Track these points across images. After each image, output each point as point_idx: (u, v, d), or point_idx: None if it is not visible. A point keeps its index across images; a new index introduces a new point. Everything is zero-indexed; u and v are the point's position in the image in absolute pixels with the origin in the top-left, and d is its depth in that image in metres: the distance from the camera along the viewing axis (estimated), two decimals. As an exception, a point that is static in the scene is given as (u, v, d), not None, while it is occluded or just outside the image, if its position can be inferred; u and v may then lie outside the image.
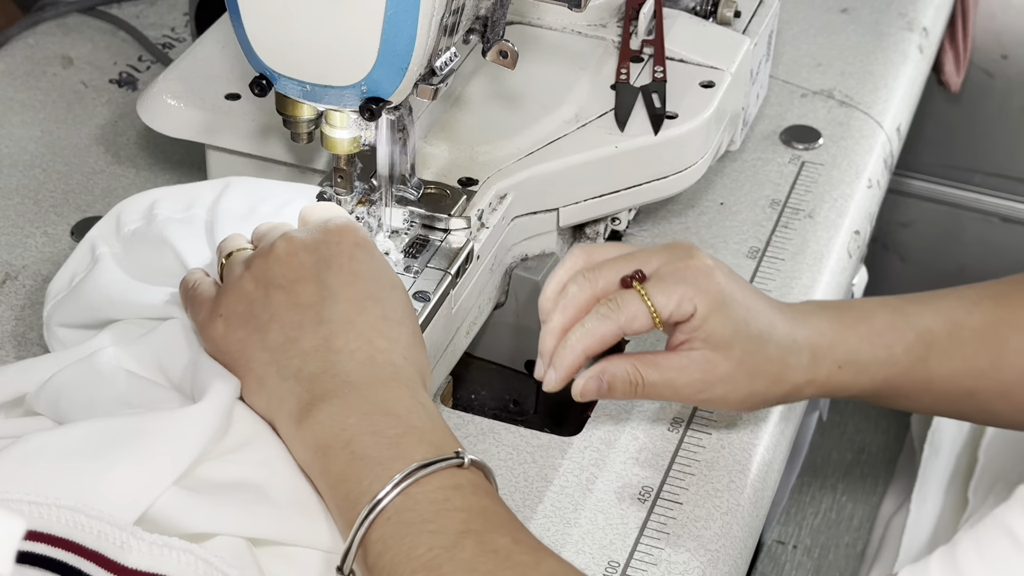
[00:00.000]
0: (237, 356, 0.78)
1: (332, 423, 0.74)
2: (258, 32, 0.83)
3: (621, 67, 1.05)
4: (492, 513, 0.72)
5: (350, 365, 0.76)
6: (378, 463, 0.72)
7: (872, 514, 1.56)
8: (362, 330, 0.78)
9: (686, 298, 0.85)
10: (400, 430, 0.74)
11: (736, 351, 0.86)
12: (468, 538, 0.69)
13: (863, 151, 1.22)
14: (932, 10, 1.41)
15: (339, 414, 0.74)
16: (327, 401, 0.75)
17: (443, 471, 0.72)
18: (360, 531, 0.71)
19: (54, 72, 1.27)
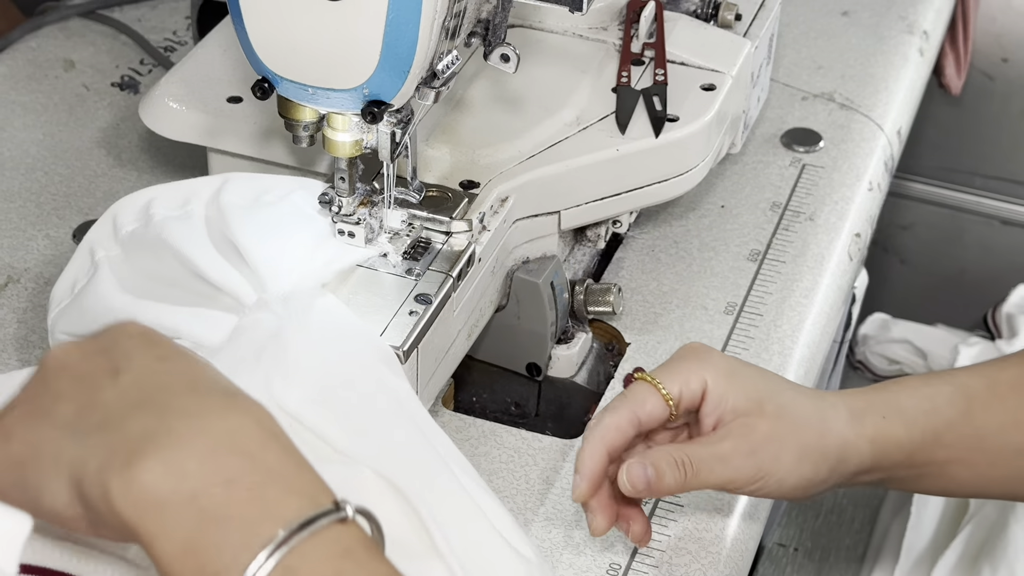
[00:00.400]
0: (22, 458, 0.62)
1: (165, 470, 0.58)
2: (260, 35, 0.84)
3: (622, 70, 1.05)
4: (363, 544, 0.60)
5: (170, 396, 0.61)
6: (241, 525, 0.58)
7: (873, 517, 1.56)
8: (172, 366, 0.63)
9: (692, 373, 0.83)
10: (259, 477, 0.59)
11: (768, 408, 0.83)
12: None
13: (864, 154, 1.22)
14: (932, 13, 1.42)
15: (173, 458, 0.58)
16: (153, 442, 0.59)
17: (326, 531, 0.58)
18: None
19: (56, 75, 1.28)
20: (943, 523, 1.37)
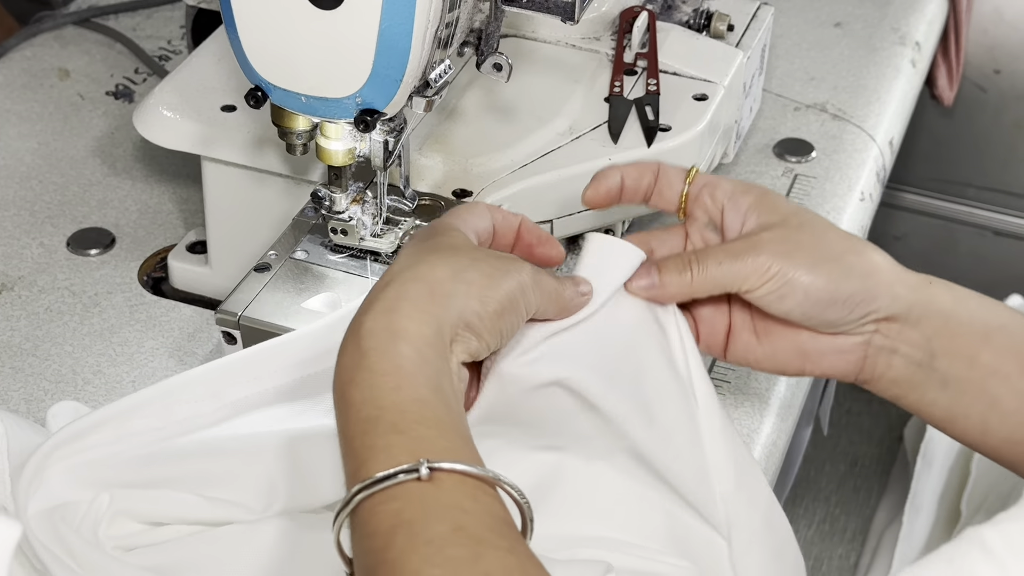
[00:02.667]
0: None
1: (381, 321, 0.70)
2: (253, 44, 0.84)
3: (615, 80, 1.06)
4: (439, 497, 0.64)
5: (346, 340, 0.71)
6: (344, 467, 0.67)
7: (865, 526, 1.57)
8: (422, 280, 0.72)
9: (722, 183, 0.83)
10: (344, 417, 0.68)
11: (792, 220, 0.81)
12: (398, 533, 0.63)
13: (856, 164, 1.23)
14: (925, 24, 1.42)
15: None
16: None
17: (397, 487, 0.64)
18: (337, 541, 0.67)
19: (51, 84, 1.28)
20: (935, 532, 1.38)
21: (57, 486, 0.80)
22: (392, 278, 0.72)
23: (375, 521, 0.64)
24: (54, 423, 0.89)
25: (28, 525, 0.77)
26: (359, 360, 0.69)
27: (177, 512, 0.79)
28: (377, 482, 0.64)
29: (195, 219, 1.13)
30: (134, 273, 1.09)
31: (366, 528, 0.64)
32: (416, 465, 0.64)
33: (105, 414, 0.81)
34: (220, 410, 0.81)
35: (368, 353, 0.69)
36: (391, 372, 0.68)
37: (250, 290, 0.91)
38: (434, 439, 0.66)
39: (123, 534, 0.79)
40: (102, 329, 1.03)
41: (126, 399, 0.81)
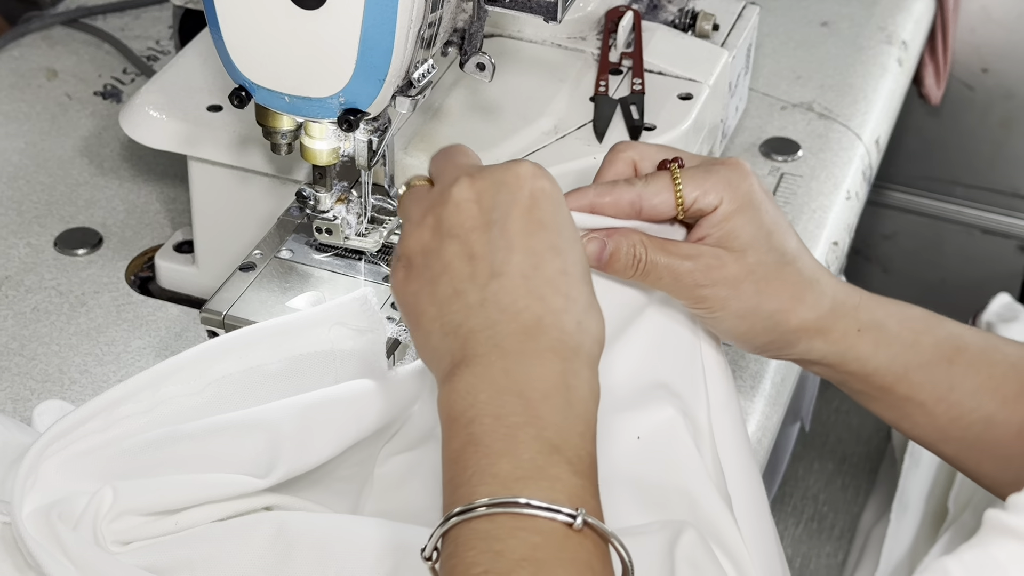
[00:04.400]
0: (410, 309, 0.73)
1: (466, 393, 0.68)
2: (236, 44, 0.84)
3: (600, 79, 1.06)
4: (573, 547, 0.64)
5: (511, 327, 0.69)
6: (486, 454, 0.66)
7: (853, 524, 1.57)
8: (536, 286, 0.70)
9: (714, 190, 0.80)
10: (522, 419, 0.67)
11: (750, 258, 0.80)
12: (525, 568, 0.63)
13: (842, 163, 1.23)
14: (912, 24, 1.43)
15: (474, 385, 0.68)
16: (470, 366, 0.69)
17: (546, 521, 0.64)
18: (444, 527, 0.66)
19: (39, 84, 1.28)
20: (922, 530, 1.38)
21: (53, 480, 0.80)
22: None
23: (509, 542, 0.64)
24: (40, 422, 0.89)
25: (23, 524, 0.77)
26: (558, 384, 0.69)
27: (182, 496, 0.79)
28: (534, 507, 0.64)
29: (182, 219, 1.13)
30: (121, 273, 1.09)
31: (493, 544, 0.64)
32: (576, 513, 0.64)
33: (94, 406, 0.82)
34: (206, 388, 0.82)
35: (570, 388, 0.69)
36: (581, 418, 0.69)
37: (235, 289, 0.91)
38: (593, 495, 0.67)
39: (124, 527, 0.79)
40: (89, 328, 1.03)
41: (113, 389, 0.82)
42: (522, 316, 0.70)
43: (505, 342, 0.69)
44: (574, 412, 0.68)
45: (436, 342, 0.72)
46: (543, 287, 0.70)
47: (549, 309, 0.70)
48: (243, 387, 0.83)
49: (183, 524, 0.80)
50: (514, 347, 0.69)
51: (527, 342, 0.69)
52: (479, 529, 0.64)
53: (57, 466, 0.81)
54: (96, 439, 0.81)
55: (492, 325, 0.70)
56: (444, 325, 0.71)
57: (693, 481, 0.80)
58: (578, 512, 0.64)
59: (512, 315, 0.70)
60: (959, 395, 0.83)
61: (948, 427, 0.83)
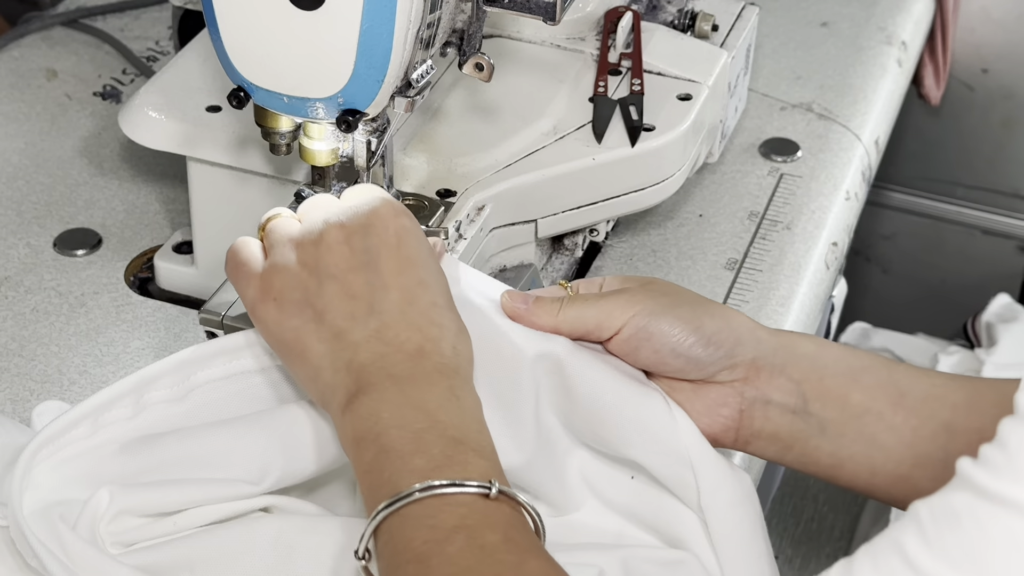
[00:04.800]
0: (292, 344, 0.79)
1: (368, 416, 0.75)
2: (235, 44, 0.84)
3: (599, 80, 1.06)
4: (493, 512, 0.72)
5: (397, 357, 0.76)
6: (399, 456, 0.73)
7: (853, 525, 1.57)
8: (413, 319, 0.78)
9: (618, 311, 0.83)
10: (425, 424, 0.74)
11: (656, 284, 0.85)
12: (460, 533, 0.70)
13: (841, 164, 1.23)
14: (911, 24, 1.43)
15: (375, 408, 0.75)
16: (368, 394, 0.75)
17: (467, 496, 0.72)
18: (374, 521, 0.72)
19: (39, 84, 1.28)
20: (922, 531, 1.38)
21: (46, 484, 0.80)
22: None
23: (440, 516, 0.71)
24: (39, 423, 0.89)
25: (27, 524, 0.77)
26: (450, 397, 0.76)
27: (179, 498, 0.80)
28: (453, 484, 0.71)
29: (181, 219, 1.13)
30: (120, 273, 1.09)
31: (426, 520, 0.71)
32: (489, 484, 0.72)
33: (80, 411, 0.82)
34: (190, 394, 0.83)
35: (461, 399, 0.76)
36: (475, 420, 0.76)
37: (234, 291, 0.91)
38: (500, 473, 0.74)
39: (122, 529, 0.79)
40: (88, 329, 1.03)
41: (98, 394, 0.82)
42: (406, 347, 0.77)
43: (395, 370, 0.76)
44: (468, 415, 0.76)
45: (327, 378, 0.77)
46: (419, 319, 0.78)
47: (428, 338, 0.77)
48: (227, 394, 0.84)
49: (182, 525, 0.80)
50: (404, 373, 0.76)
51: (415, 368, 0.76)
52: (410, 514, 0.71)
53: (48, 470, 0.81)
54: (83, 445, 0.82)
55: (381, 357, 0.77)
56: (334, 362, 0.77)
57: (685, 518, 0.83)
58: (492, 483, 0.72)
59: (396, 347, 0.77)
60: (911, 401, 0.82)
61: (914, 441, 0.82)
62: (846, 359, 0.84)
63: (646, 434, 0.82)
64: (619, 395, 0.83)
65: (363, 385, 0.76)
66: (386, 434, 0.74)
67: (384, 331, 0.77)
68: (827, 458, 0.83)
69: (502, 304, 0.85)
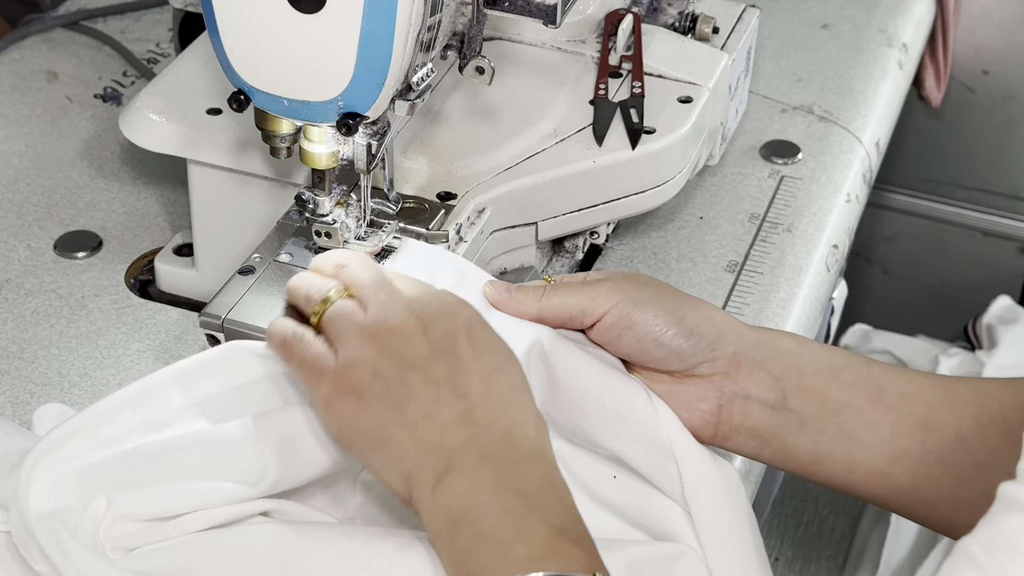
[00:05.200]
0: (372, 433, 0.77)
1: (464, 497, 0.73)
2: (235, 48, 0.84)
3: (600, 82, 1.06)
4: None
5: (488, 439, 0.75)
6: (500, 544, 0.71)
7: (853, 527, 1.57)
8: (496, 402, 0.76)
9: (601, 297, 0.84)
10: (526, 510, 0.72)
11: (639, 277, 0.86)
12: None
13: (842, 166, 1.23)
14: (912, 26, 1.43)
15: (471, 489, 0.73)
16: (462, 474, 0.74)
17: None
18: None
19: (39, 87, 1.28)
20: (922, 533, 1.38)
21: (45, 492, 0.80)
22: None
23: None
24: (40, 425, 0.89)
25: (36, 528, 0.77)
26: (546, 482, 0.75)
27: (177, 503, 0.80)
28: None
29: (182, 222, 1.13)
30: (121, 276, 1.09)
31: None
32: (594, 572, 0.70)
33: (81, 420, 0.82)
34: (188, 408, 0.82)
35: (556, 485, 0.75)
36: (573, 507, 0.75)
37: (234, 293, 0.91)
38: (602, 568, 0.72)
39: (122, 533, 0.79)
40: (89, 332, 1.03)
41: (100, 404, 0.82)
42: (494, 428, 0.75)
43: (488, 451, 0.74)
44: (566, 503, 0.74)
45: (412, 460, 0.75)
46: (502, 402, 0.76)
47: (513, 420, 0.76)
48: (223, 407, 0.83)
49: (182, 530, 0.80)
50: (498, 455, 0.74)
51: (508, 450, 0.75)
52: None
53: (47, 481, 0.81)
54: (82, 458, 0.82)
55: (471, 439, 0.75)
56: (420, 444, 0.75)
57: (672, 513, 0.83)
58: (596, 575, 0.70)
59: (485, 428, 0.75)
60: (889, 398, 0.83)
61: (892, 437, 0.82)
62: (825, 356, 0.84)
63: (629, 424, 0.83)
64: (602, 385, 0.83)
65: (454, 465, 0.74)
66: (485, 517, 0.72)
67: (471, 413, 0.75)
68: (805, 454, 0.84)
69: (485, 293, 0.85)
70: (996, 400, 0.82)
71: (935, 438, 0.81)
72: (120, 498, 0.79)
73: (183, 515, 0.80)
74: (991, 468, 0.78)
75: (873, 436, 0.82)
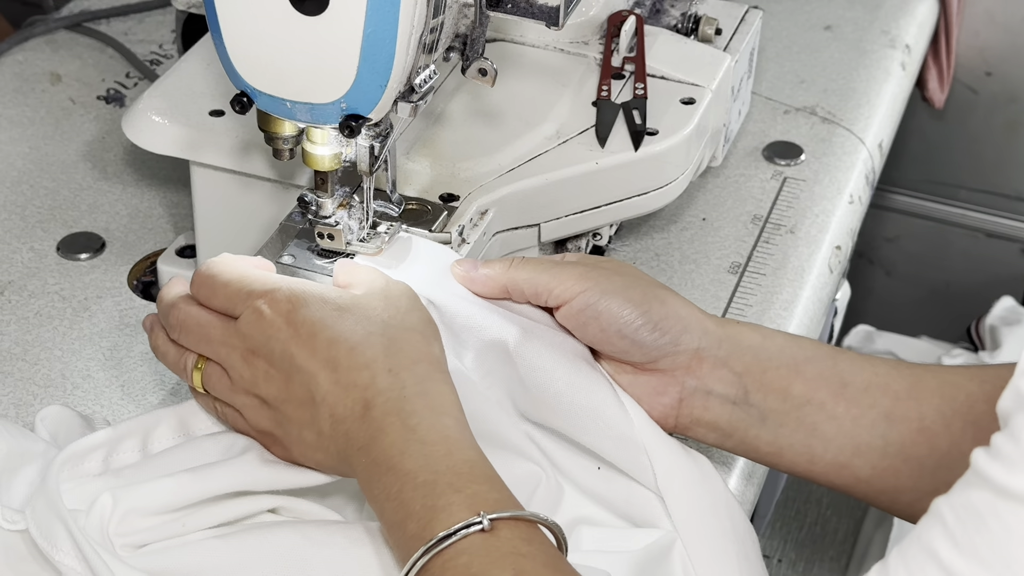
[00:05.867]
0: (310, 465, 0.82)
1: (369, 496, 0.77)
2: (238, 49, 0.84)
3: (602, 84, 1.06)
4: (497, 546, 0.71)
5: (357, 428, 0.77)
6: (398, 529, 0.74)
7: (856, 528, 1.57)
8: (340, 380, 0.79)
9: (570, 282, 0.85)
10: (399, 483, 0.74)
11: (610, 264, 0.86)
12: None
13: (845, 167, 1.23)
14: (915, 27, 1.42)
15: (367, 485, 0.76)
16: (359, 474, 0.77)
17: (463, 540, 0.71)
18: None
19: (42, 88, 1.28)
20: (926, 534, 1.37)
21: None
22: (394, 362, 0.79)
23: (448, 574, 0.70)
24: (42, 427, 0.90)
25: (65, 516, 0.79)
26: (408, 435, 0.76)
27: (183, 494, 0.80)
28: (445, 538, 0.70)
29: (185, 223, 1.13)
30: (124, 277, 1.09)
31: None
32: (478, 519, 0.71)
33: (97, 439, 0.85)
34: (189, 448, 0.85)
35: (416, 428, 0.76)
36: (440, 441, 0.75)
37: (237, 294, 0.91)
38: (487, 493, 0.73)
39: (131, 530, 0.79)
40: (92, 333, 1.03)
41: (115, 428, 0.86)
42: (355, 410, 0.77)
43: (360, 439, 0.77)
44: (430, 443, 0.75)
45: (332, 466, 0.81)
46: (349, 376, 0.78)
47: (364, 387, 0.78)
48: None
49: (191, 526, 0.80)
50: (366, 437, 0.77)
51: (369, 426, 0.77)
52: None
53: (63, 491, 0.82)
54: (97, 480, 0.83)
55: (347, 436, 0.78)
56: (333, 460, 0.80)
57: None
58: (480, 516, 0.70)
59: (351, 418, 0.78)
60: (853, 391, 0.83)
61: (854, 431, 0.83)
62: (790, 350, 0.85)
63: (599, 421, 0.83)
64: (569, 383, 0.84)
65: (354, 466, 0.77)
66: (382, 511, 0.75)
67: (334, 411, 0.78)
68: (766, 446, 0.85)
69: (453, 272, 0.86)
70: (962, 391, 0.82)
71: (897, 430, 0.82)
72: (125, 494, 0.79)
73: (190, 508, 0.80)
74: (954, 459, 0.79)
75: (835, 430, 0.83)
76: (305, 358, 0.79)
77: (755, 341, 0.85)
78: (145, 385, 0.99)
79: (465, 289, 0.87)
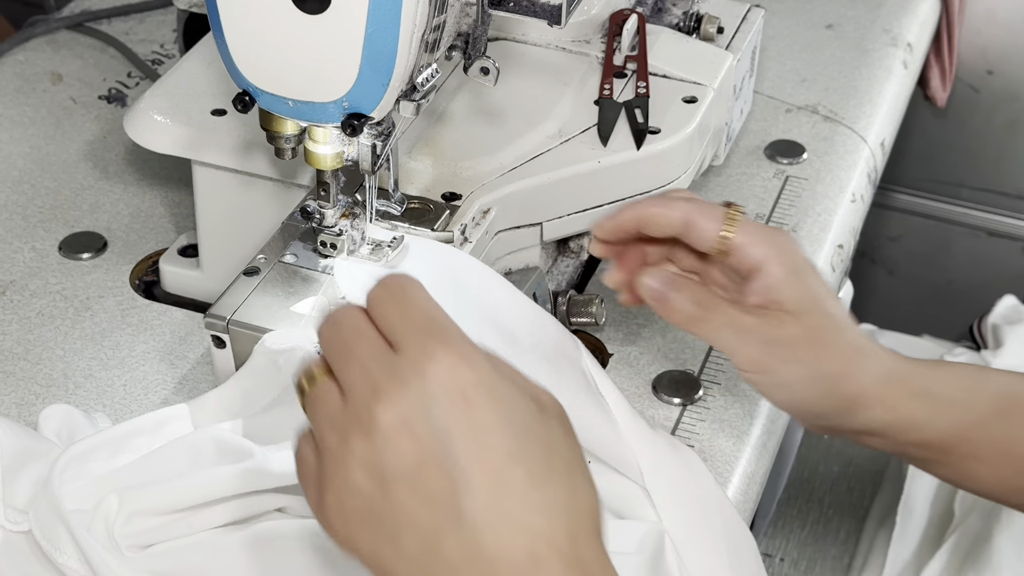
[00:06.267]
0: (370, 563, 0.63)
1: None
2: (240, 49, 0.84)
3: (604, 83, 1.06)
4: None
5: (508, 571, 0.60)
6: None
7: (859, 527, 1.56)
8: (509, 511, 0.60)
9: (763, 246, 0.83)
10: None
11: (809, 320, 0.83)
12: None
13: (847, 166, 1.23)
14: (917, 26, 1.42)
15: None
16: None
17: None
18: None
19: (44, 88, 1.28)
20: (928, 533, 1.38)
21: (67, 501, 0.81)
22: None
23: None
24: (45, 427, 0.90)
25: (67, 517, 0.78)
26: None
27: (188, 495, 0.80)
28: None
29: (186, 223, 1.13)
30: (126, 277, 1.09)
31: None
32: None
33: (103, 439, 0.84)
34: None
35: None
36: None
37: (239, 294, 0.91)
38: None
39: (137, 530, 0.80)
40: (94, 333, 1.03)
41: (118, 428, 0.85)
42: (515, 558, 0.60)
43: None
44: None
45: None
46: (517, 511, 0.61)
47: (536, 535, 0.61)
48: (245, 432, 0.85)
49: (196, 526, 0.80)
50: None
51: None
52: None
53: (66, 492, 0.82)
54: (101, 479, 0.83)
55: (476, 567, 0.61)
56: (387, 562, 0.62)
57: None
58: None
59: (504, 561, 0.60)
60: (1020, 448, 0.84)
61: (1016, 479, 0.84)
62: (962, 416, 0.84)
63: (582, 420, 0.82)
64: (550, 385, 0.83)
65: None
66: None
67: (480, 538, 0.60)
68: (922, 468, 0.89)
69: (645, 285, 0.86)
70: None
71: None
72: (130, 495, 0.79)
73: (196, 508, 0.80)
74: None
75: (992, 478, 0.86)
76: (468, 452, 0.61)
77: (921, 420, 0.84)
78: (147, 384, 0.99)
79: (464, 289, 0.86)
